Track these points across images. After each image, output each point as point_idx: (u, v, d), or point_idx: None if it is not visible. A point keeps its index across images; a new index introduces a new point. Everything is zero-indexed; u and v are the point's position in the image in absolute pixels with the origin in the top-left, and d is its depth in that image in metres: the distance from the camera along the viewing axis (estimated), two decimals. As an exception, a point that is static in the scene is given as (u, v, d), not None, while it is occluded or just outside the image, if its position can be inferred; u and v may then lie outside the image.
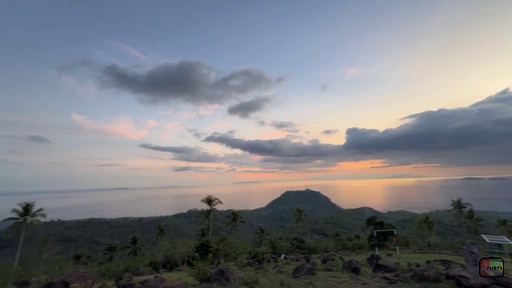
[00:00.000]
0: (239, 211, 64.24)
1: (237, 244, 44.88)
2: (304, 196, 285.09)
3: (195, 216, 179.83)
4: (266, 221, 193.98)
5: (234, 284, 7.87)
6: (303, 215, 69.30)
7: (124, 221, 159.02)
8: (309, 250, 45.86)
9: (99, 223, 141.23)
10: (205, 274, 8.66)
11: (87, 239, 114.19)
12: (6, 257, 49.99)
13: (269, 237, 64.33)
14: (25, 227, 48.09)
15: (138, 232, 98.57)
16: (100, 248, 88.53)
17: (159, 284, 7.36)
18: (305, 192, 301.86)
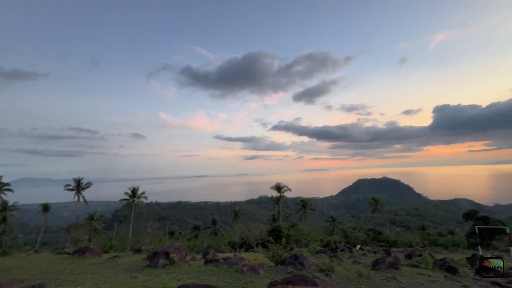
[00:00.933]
0: (309, 198, 64.02)
1: (307, 231, 45.11)
2: (380, 185, 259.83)
3: (266, 202, 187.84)
4: (337, 210, 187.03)
5: (308, 269, 7.98)
6: (379, 204, 63.64)
7: (204, 205, 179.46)
8: (387, 243, 42.18)
9: (185, 205, 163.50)
10: (280, 257, 9.04)
11: (177, 218, 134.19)
12: (123, 229, 63.25)
13: (341, 226, 62.07)
14: (134, 207, 60.46)
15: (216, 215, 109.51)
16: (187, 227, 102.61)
17: (239, 262, 8.11)
18: (381, 180, 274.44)
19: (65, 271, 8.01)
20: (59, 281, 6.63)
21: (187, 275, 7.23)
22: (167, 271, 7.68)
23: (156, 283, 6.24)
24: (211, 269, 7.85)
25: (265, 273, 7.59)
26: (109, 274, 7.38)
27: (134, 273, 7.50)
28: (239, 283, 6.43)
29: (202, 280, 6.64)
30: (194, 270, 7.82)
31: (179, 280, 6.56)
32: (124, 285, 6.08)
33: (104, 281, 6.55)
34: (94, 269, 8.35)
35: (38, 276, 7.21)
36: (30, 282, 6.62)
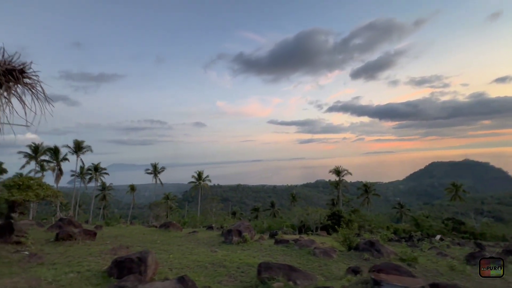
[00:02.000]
0: (371, 183, 60.03)
1: (371, 217, 42.59)
2: (461, 168, 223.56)
3: (323, 186, 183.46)
4: (405, 196, 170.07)
5: (387, 257, 7.41)
6: (461, 191, 55.05)
7: (262, 188, 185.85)
8: (472, 235, 36.51)
9: (244, 188, 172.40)
10: (352, 243, 8.64)
11: (237, 200, 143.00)
12: (192, 208, 70.77)
13: (410, 213, 56.51)
14: (200, 188, 66.78)
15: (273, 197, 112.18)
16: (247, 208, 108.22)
17: (309, 244, 8.08)
18: (462, 163, 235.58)
19: (157, 241, 9.33)
20: (154, 250, 7.75)
21: (260, 253, 7.58)
22: (241, 248, 8.19)
23: (234, 258, 6.69)
24: (282, 249, 8.03)
25: (338, 257, 7.37)
26: (192, 247, 8.27)
27: (212, 247, 8.25)
28: (314, 265, 6.39)
29: (276, 259, 6.85)
30: (266, 249, 8.13)
31: (254, 257, 6.92)
32: (208, 257, 6.71)
33: (190, 252, 7.37)
34: (178, 241, 9.49)
35: (137, 244, 8.59)
36: (133, 248, 7.94)
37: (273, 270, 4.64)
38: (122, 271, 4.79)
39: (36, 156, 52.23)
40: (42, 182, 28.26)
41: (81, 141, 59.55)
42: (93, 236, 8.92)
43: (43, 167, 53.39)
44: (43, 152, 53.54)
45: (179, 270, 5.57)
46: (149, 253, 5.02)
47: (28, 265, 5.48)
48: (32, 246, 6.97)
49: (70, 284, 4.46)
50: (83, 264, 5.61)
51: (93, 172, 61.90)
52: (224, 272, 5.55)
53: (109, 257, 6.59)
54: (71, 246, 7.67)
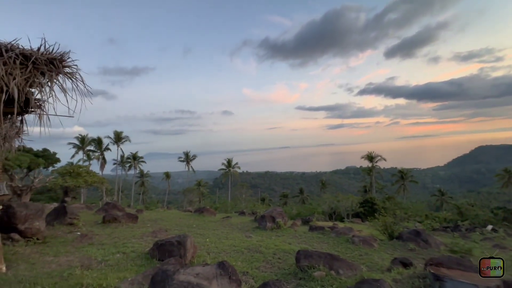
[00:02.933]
0: (408, 169, 56.57)
1: (407, 205, 40.39)
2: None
3: (354, 172, 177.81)
4: (446, 183, 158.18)
5: (436, 249, 6.79)
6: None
7: (290, 175, 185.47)
8: (526, 226, 32.83)
9: (272, 175, 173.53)
10: (394, 231, 8.08)
11: (266, 187, 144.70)
12: (223, 195, 73.22)
13: (453, 201, 52.46)
14: (230, 175, 68.74)
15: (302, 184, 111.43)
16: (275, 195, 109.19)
17: (347, 232, 7.71)
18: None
19: (193, 225, 9.65)
20: (191, 233, 7.99)
21: (296, 239, 7.42)
22: (275, 234, 8.11)
23: (270, 244, 6.61)
24: (318, 236, 7.78)
25: (380, 247, 6.93)
26: (227, 232, 8.39)
27: (247, 232, 8.29)
28: (354, 254, 6.06)
29: (313, 247, 6.64)
30: (300, 235, 7.95)
31: (290, 244, 6.78)
32: (243, 242, 6.72)
33: (225, 237, 7.47)
34: (213, 225, 9.72)
35: (175, 227, 8.95)
36: (171, 232, 8.29)
37: (313, 258, 4.43)
38: (163, 254, 4.94)
39: (83, 147, 57.60)
40: (89, 170, 30.92)
41: (120, 132, 64.46)
42: (135, 219, 9.48)
43: (89, 157, 58.84)
44: (88, 143, 58.89)
45: (216, 254, 5.62)
46: (188, 237, 5.11)
47: (80, 245, 5.94)
48: (83, 227, 7.58)
49: (117, 264, 4.71)
50: (127, 245, 5.93)
51: (132, 161, 67.08)
52: (261, 258, 5.48)
53: (150, 239, 6.92)
54: (116, 228, 8.22)
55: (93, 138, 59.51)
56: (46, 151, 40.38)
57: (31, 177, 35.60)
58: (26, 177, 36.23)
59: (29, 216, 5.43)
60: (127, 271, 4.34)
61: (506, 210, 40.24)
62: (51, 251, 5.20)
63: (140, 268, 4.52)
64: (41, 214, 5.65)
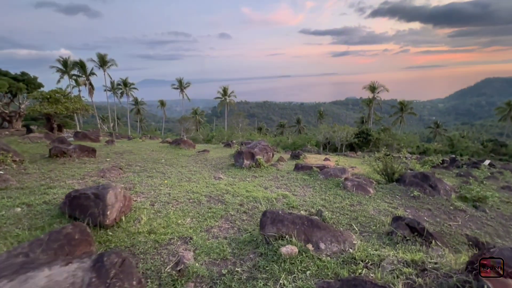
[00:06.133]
0: (408, 101, 54.78)
1: (401, 137, 40.34)
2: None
3: (353, 104, 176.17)
4: (443, 115, 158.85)
5: (445, 196, 5.54)
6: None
7: (289, 105, 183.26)
8: (511, 157, 33.45)
9: (271, 105, 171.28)
10: (394, 173, 6.78)
11: (264, 116, 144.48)
12: (220, 123, 72.82)
13: (446, 133, 52.67)
14: (226, 104, 66.99)
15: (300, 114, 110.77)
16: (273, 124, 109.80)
17: (339, 173, 6.38)
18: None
19: (161, 160, 8.30)
20: (152, 171, 6.67)
21: (275, 182, 6.10)
22: (253, 174, 6.77)
23: (240, 189, 5.27)
24: (304, 178, 6.46)
25: (377, 192, 5.68)
26: (195, 170, 7.05)
27: (219, 171, 6.95)
28: (344, 204, 4.78)
29: (294, 192, 5.33)
30: (283, 176, 6.63)
31: (266, 189, 5.46)
32: (206, 186, 5.37)
33: (189, 178, 6.11)
34: (185, 161, 8.38)
35: (137, 163, 7.60)
36: (130, 169, 6.96)
37: (283, 223, 3.02)
38: (76, 210, 3.51)
39: (67, 71, 53.19)
40: (69, 95, 28.32)
41: (104, 54, 58.93)
42: (92, 152, 8.05)
43: (77, 82, 55.09)
44: (72, 67, 54.11)
45: (161, 207, 4.26)
46: (110, 188, 3.58)
47: (-12, 189, 4.52)
48: (12, 164, 6.12)
49: (2, 224, 3.30)
50: (49, 192, 4.53)
51: (123, 87, 63.77)
52: (221, 211, 4.14)
53: (92, 180, 5.56)
54: (62, 164, 6.81)
55: (76, 61, 54.37)
56: (26, 75, 36.90)
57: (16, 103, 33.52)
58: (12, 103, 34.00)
59: None
60: (7, 239, 2.97)
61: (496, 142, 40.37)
62: None
63: (34, 232, 3.14)
64: None
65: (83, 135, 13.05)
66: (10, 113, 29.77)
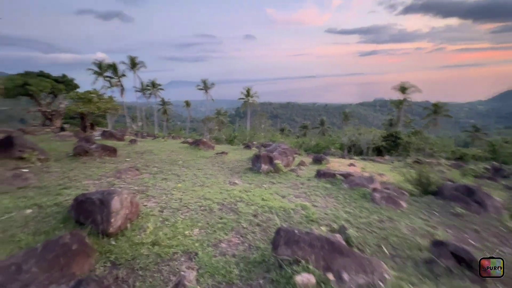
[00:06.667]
0: (443, 102, 50.82)
1: (434, 140, 37.45)
2: None
3: (381, 105, 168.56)
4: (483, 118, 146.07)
5: (494, 215, 4.71)
6: None
7: (312, 106, 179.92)
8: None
9: (294, 106, 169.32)
10: (430, 184, 5.99)
11: (287, 117, 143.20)
12: (243, 124, 73.19)
13: (486, 138, 47.96)
14: (249, 105, 67.36)
15: (324, 116, 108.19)
16: (296, 125, 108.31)
17: (366, 183, 5.76)
18: None
19: (178, 161, 8.21)
20: (167, 173, 6.54)
21: (294, 190, 5.65)
22: (270, 179, 6.37)
23: (255, 196, 4.90)
24: (326, 186, 5.92)
25: (410, 206, 5.01)
26: (211, 173, 6.81)
27: (235, 175, 6.64)
28: (372, 219, 4.21)
29: (315, 203, 4.86)
30: (302, 184, 6.15)
31: (283, 198, 5.04)
32: (220, 193, 5.07)
33: (203, 182, 5.87)
34: (201, 163, 8.21)
35: (155, 164, 7.54)
36: (147, 170, 6.91)
37: (299, 245, 2.60)
38: (82, 214, 3.38)
39: (101, 73, 57.10)
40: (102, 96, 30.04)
41: (134, 57, 62.46)
42: (113, 152, 8.17)
43: (110, 83, 58.98)
44: (105, 69, 57.99)
45: (171, 213, 4.02)
46: (115, 193, 3.39)
47: (8, 187, 4.62)
48: (37, 162, 6.32)
49: (10, 226, 3.24)
50: (63, 193, 4.51)
51: (152, 88, 66.95)
52: (232, 222, 3.80)
53: (107, 181, 5.52)
54: (84, 163, 6.94)
55: (109, 63, 58.18)
56: (65, 77, 40.02)
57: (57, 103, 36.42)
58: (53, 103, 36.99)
59: None
60: (10, 244, 2.89)
61: (545, 149, 35.89)
62: None
63: (37, 237, 3.03)
64: None
65: (109, 134, 13.51)
66: (52, 112, 32.32)
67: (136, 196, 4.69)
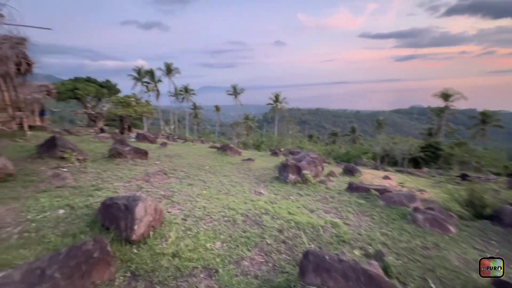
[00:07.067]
0: (493, 111, 45.72)
1: (481, 153, 33.73)
2: None
3: (418, 113, 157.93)
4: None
5: None
6: None
7: (343, 112, 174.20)
8: None
9: (324, 112, 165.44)
10: (484, 206, 5.20)
11: (316, 123, 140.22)
12: (271, 129, 73.17)
13: (547, 151, 42.05)
14: (277, 111, 67.41)
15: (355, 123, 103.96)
16: (325, 132, 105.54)
17: (406, 201, 5.16)
18: None
19: (205, 166, 8.22)
20: (194, 179, 6.54)
21: (323, 204, 5.26)
22: (298, 191, 6.03)
23: (281, 209, 4.62)
24: (359, 202, 5.43)
25: (461, 233, 4.35)
26: (236, 181, 6.66)
27: (260, 184, 6.42)
28: (414, 245, 3.69)
29: (345, 221, 4.44)
30: (333, 197, 5.72)
31: (312, 213, 4.69)
32: (245, 203, 4.88)
33: (228, 190, 5.73)
34: (228, 169, 8.13)
35: (183, 169, 7.62)
36: (174, 174, 6.99)
37: (330, 274, 2.28)
38: (108, 219, 3.40)
39: (140, 78, 61.62)
40: (139, 100, 32.18)
41: (170, 63, 66.60)
42: (145, 155, 8.46)
43: (147, 88, 63.52)
44: (144, 75, 62.52)
45: (194, 222, 3.91)
46: (140, 200, 3.36)
47: (45, 186, 4.90)
48: (76, 162, 6.71)
49: (42, 226, 3.36)
50: (94, 194, 4.67)
51: (184, 93, 70.38)
52: (256, 237, 3.57)
53: (136, 184, 5.64)
54: (117, 165, 7.24)
55: (147, 70, 62.75)
56: (109, 82, 43.81)
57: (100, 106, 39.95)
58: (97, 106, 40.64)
59: (-29, 151, 4.34)
60: (40, 244, 2.97)
61: None
62: (-7, 195, 4.19)
63: (65, 239, 3.09)
64: (-10, 149, 4.52)
65: (143, 136, 14.16)
66: (95, 114, 35.32)
67: (161, 201, 4.70)
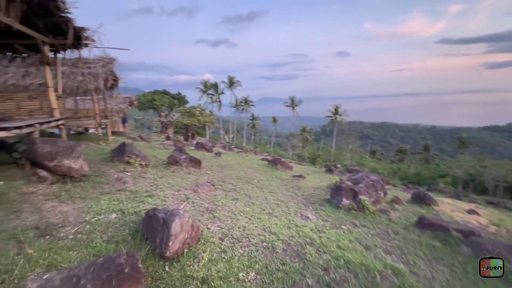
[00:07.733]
0: None
1: None
2: None
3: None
4: None
5: None
6: None
7: (414, 127, 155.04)
8: None
9: (390, 126, 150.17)
10: None
11: (380, 139, 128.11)
12: (328, 142, 70.07)
13: None
14: (336, 123, 64.50)
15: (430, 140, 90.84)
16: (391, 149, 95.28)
17: (505, 252, 3.86)
18: None
19: (253, 180, 8.05)
20: (240, 193, 6.41)
21: (382, 241, 4.36)
22: (352, 219, 5.22)
23: (329, 241, 3.99)
24: (433, 244, 4.32)
25: None
26: (282, 200, 6.23)
27: (308, 207, 5.83)
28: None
29: (411, 268, 3.53)
30: (396, 234, 4.72)
31: (367, 251, 3.91)
32: (288, 227, 4.43)
33: (272, 210, 5.36)
34: (276, 185, 7.76)
35: (231, 181, 7.61)
36: (222, 186, 7.01)
37: None
38: (147, 230, 3.45)
39: (206, 91, 67.95)
40: (203, 111, 35.19)
41: (232, 77, 71.65)
42: (198, 164, 8.82)
43: (212, 100, 69.71)
44: (209, 88, 68.70)
45: (231, 244, 3.67)
46: (177, 216, 3.30)
47: (109, 189, 5.43)
48: (138, 168, 7.39)
49: (94, 230, 3.61)
50: (146, 201, 4.93)
51: (244, 104, 74.23)
52: (296, 274, 3.09)
53: (185, 194, 5.80)
54: (173, 172, 7.69)
55: (212, 83, 68.88)
56: (179, 94, 49.64)
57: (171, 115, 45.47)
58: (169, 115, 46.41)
59: (57, 154, 5.13)
60: (87, 248, 3.15)
61: None
62: (66, 194, 4.80)
63: (109, 245, 3.22)
64: (71, 152, 5.30)
65: (201, 145, 15.05)
66: (167, 122, 40.06)
67: (204, 215, 4.65)
